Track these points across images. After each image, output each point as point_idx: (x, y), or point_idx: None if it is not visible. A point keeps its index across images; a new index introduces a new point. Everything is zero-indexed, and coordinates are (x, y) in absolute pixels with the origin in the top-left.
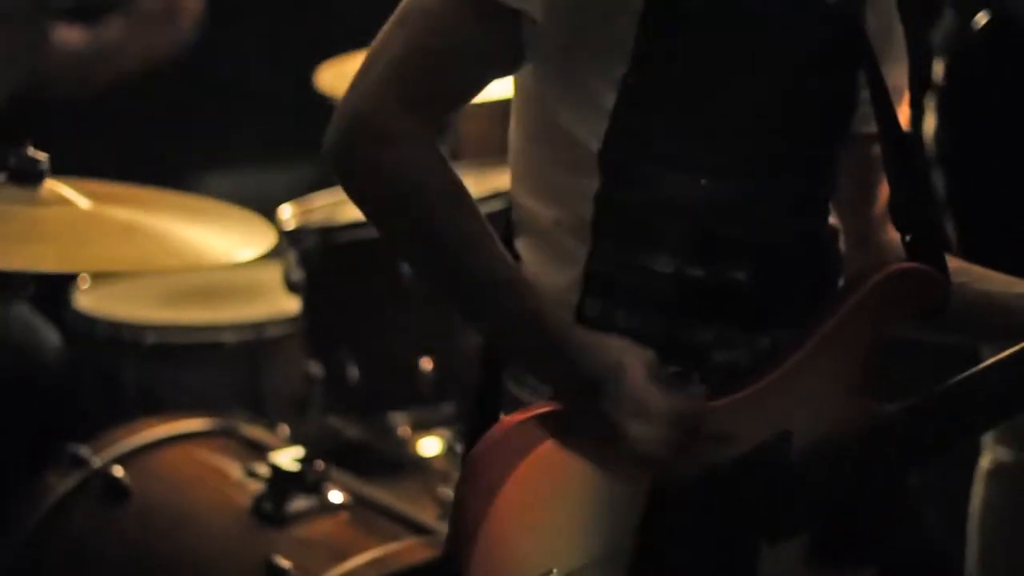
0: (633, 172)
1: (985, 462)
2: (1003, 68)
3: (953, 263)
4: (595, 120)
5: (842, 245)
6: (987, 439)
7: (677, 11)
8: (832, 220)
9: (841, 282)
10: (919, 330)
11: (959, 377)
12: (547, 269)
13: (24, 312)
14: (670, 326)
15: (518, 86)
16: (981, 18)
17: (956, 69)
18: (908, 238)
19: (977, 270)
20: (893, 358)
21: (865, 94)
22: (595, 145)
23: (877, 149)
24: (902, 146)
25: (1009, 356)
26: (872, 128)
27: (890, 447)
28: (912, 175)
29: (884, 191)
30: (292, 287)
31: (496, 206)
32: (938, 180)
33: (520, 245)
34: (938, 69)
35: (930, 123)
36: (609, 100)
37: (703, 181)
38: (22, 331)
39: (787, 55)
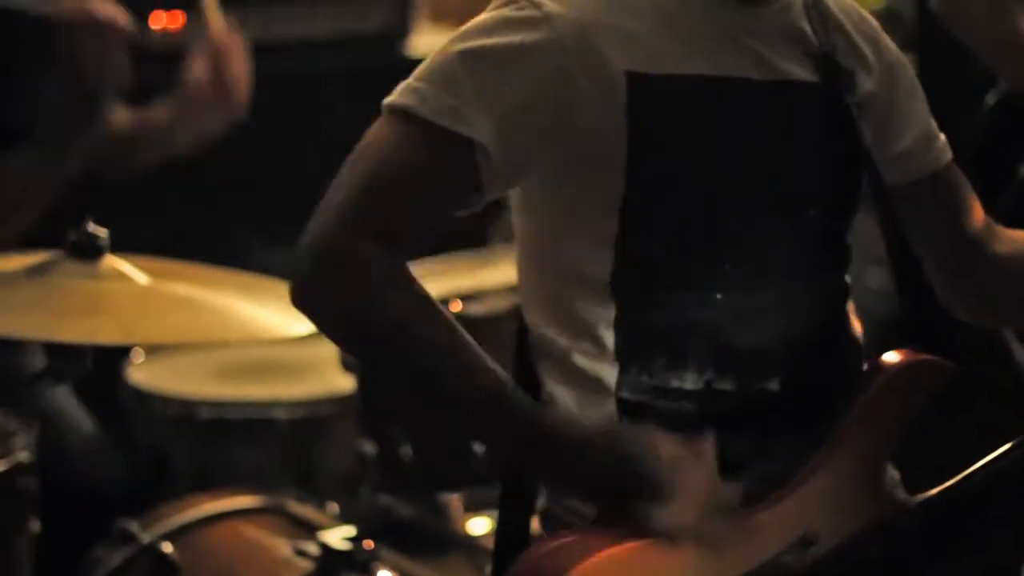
0: (648, 296)
1: None
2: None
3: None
4: (600, 249)
5: (856, 327)
6: None
7: (661, 130)
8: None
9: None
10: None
11: (986, 461)
12: (575, 398)
13: (61, 396)
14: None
15: (517, 217)
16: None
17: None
18: (912, 320)
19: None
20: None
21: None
22: (605, 274)
23: (933, 184)
24: (892, 220)
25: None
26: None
27: (913, 542)
28: (903, 251)
29: (966, 213)
30: (347, 365)
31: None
32: None
33: (543, 371)
34: None
35: None
36: (610, 228)
37: (718, 296)
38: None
39: (783, 148)
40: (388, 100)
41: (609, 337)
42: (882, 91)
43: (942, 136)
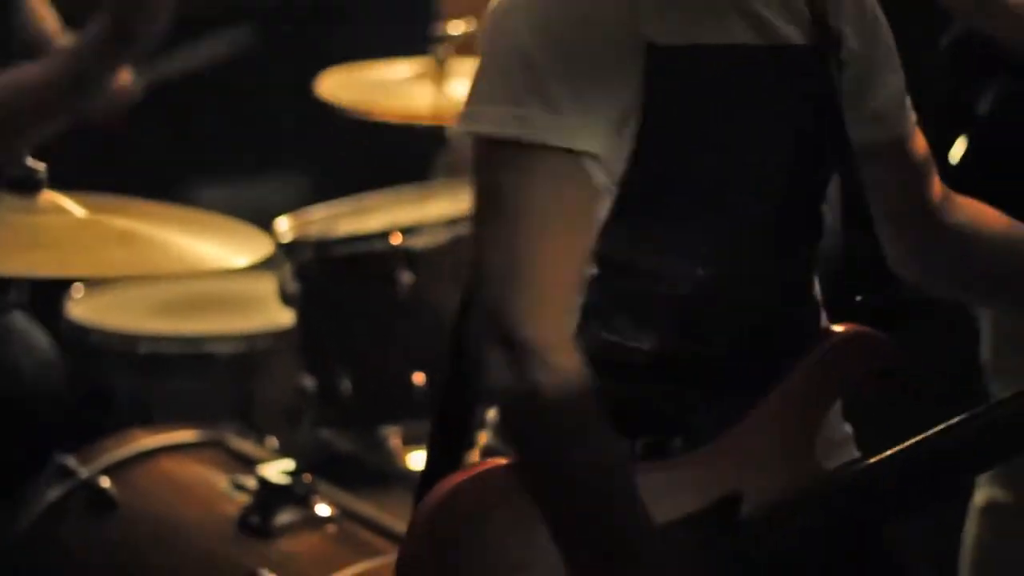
0: (632, 264)
1: (979, 499)
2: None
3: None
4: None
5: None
6: (981, 477)
7: (671, 107)
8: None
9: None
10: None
11: (915, 439)
12: None
13: (22, 321)
14: (651, 395)
15: None
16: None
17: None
18: (863, 296)
19: (1001, 224)
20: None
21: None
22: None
23: (898, 149)
24: (853, 190)
25: (965, 419)
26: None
27: (838, 509)
28: (861, 224)
29: (925, 181)
30: (287, 300)
31: None
32: None
33: None
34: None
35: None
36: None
37: (699, 271)
38: (19, 339)
39: (772, 115)
40: (491, 130)
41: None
42: (864, 51)
43: (909, 103)
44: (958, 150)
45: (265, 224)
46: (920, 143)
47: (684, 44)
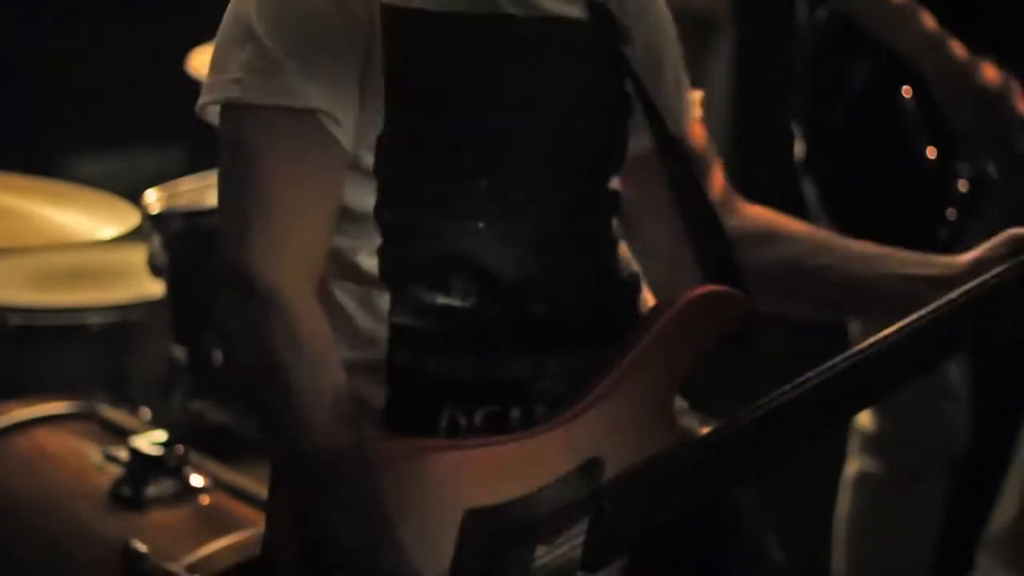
0: (411, 225)
1: (850, 470)
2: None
3: (822, 237)
4: (365, 182)
5: (630, 267)
6: (852, 447)
7: (416, 61)
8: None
9: (642, 299)
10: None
11: (770, 396)
12: (348, 329)
13: None
14: (482, 365)
15: None
16: (820, 13)
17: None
18: (705, 263)
19: (842, 247)
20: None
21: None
22: (368, 206)
23: (683, 142)
24: (677, 160)
25: (822, 372)
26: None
27: (701, 469)
28: (691, 192)
29: (709, 178)
30: (156, 270)
31: None
32: (809, 187)
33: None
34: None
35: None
36: (370, 160)
37: (480, 225)
38: None
39: (544, 82)
40: (216, 97)
41: (373, 264)
42: (650, 40)
43: (693, 94)
44: (830, 121)
45: (137, 196)
46: (700, 139)
47: (415, 8)
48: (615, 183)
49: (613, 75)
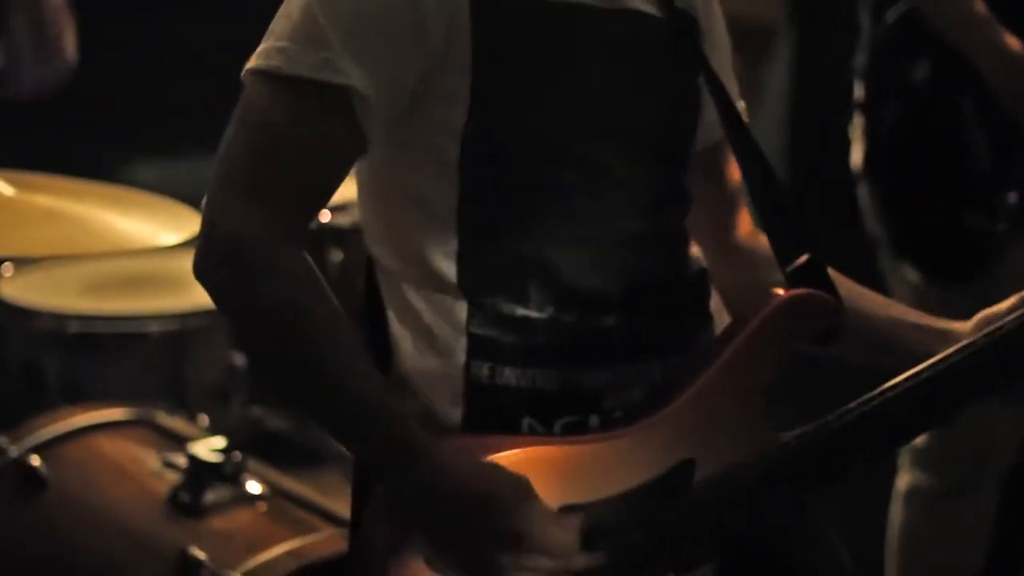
0: (492, 225)
1: (901, 484)
2: (917, 67)
3: (842, 281)
4: (445, 177)
5: (705, 264)
6: (903, 461)
7: (503, 56)
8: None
9: (712, 300)
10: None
11: (852, 404)
12: (425, 337)
13: None
14: (560, 376)
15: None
16: (891, 15)
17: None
18: (787, 265)
19: (853, 290)
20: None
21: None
22: (450, 204)
23: (721, 157)
24: (754, 157)
25: (903, 381)
26: (716, 136)
27: (788, 475)
28: (769, 189)
29: (739, 200)
30: None
31: None
32: (864, 192)
33: (392, 310)
34: (858, 92)
35: (857, 144)
36: (454, 154)
37: (561, 226)
38: None
39: (624, 77)
40: (253, 65)
41: (450, 270)
42: (715, 45)
43: (742, 104)
44: (892, 115)
45: (197, 202)
46: (733, 172)
47: None
48: (686, 182)
49: (688, 71)
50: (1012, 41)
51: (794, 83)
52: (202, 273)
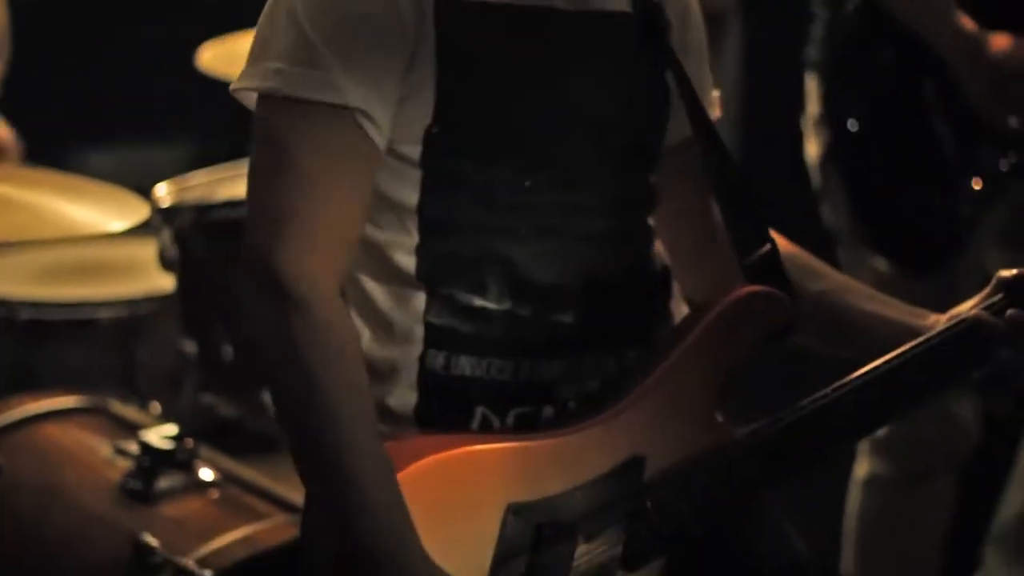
0: (452, 221)
1: (860, 472)
2: (880, 54)
3: (814, 265)
4: (408, 174)
5: (668, 262)
6: (862, 448)
7: (469, 55)
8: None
9: (674, 298)
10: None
11: (807, 400)
12: (383, 326)
13: None
14: (514, 367)
15: None
16: (850, 4)
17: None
18: (745, 260)
19: (834, 276)
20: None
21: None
22: (412, 200)
23: (691, 156)
24: (719, 153)
25: (857, 378)
26: (685, 133)
27: (742, 469)
28: (733, 185)
29: (708, 198)
30: (167, 265)
31: None
32: (825, 183)
33: (349, 299)
34: (811, 85)
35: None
36: (417, 152)
37: (522, 223)
38: None
39: (591, 77)
40: (253, 85)
41: (410, 263)
42: (686, 35)
43: (716, 93)
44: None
45: (148, 190)
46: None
47: (475, 0)
48: (653, 177)
49: (655, 67)
50: (967, 22)
51: (745, 73)
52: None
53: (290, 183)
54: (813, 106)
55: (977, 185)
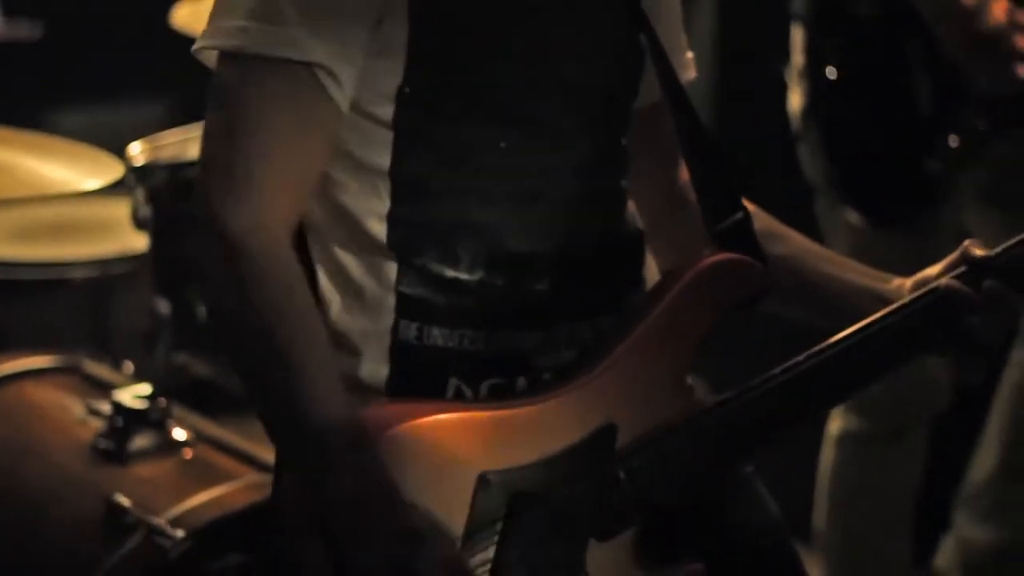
0: (425, 185)
1: (833, 428)
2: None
3: (776, 228)
4: (381, 135)
5: (640, 225)
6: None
7: (442, 12)
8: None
9: (647, 266)
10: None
11: (780, 368)
12: (354, 296)
13: None
14: (488, 338)
15: None
16: None
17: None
18: (716, 227)
19: (798, 240)
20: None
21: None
22: (384, 163)
23: (666, 119)
24: (690, 119)
25: (830, 345)
26: (655, 98)
27: (714, 439)
28: (704, 151)
29: (679, 161)
30: (140, 224)
31: None
32: (804, 136)
33: (321, 268)
34: (796, 35)
35: (795, 88)
36: (389, 111)
37: (494, 187)
38: None
39: (565, 38)
40: (214, 43)
41: (381, 231)
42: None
43: (690, 54)
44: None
45: (121, 149)
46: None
47: None
48: (625, 140)
49: (628, 28)
50: None
51: (722, 25)
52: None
53: (245, 138)
54: (797, 57)
55: (954, 143)
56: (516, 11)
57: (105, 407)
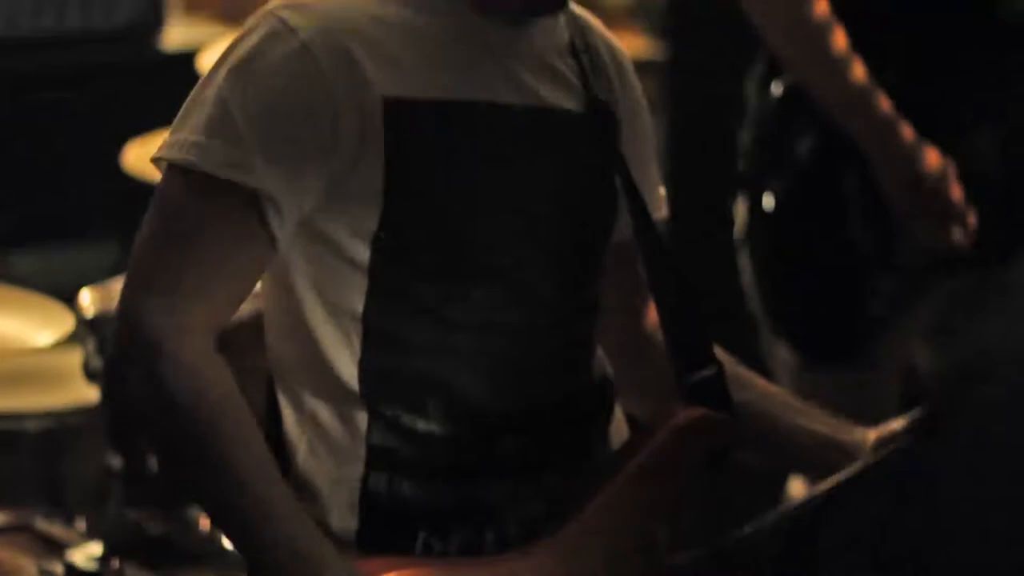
0: (397, 334)
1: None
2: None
3: (738, 373)
4: (356, 280)
5: (608, 370)
6: None
7: (417, 160)
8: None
9: (615, 404)
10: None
11: (748, 527)
12: (323, 444)
13: None
14: (457, 491)
15: None
16: (775, 89)
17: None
18: (686, 379)
19: (761, 386)
20: None
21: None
22: (357, 307)
23: (635, 258)
24: (663, 261)
25: (793, 510)
26: (627, 236)
27: None
28: (678, 298)
29: (647, 299)
30: (91, 375)
31: None
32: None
33: (290, 414)
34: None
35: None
36: (365, 257)
37: (466, 340)
38: None
39: (541, 181)
40: (167, 155)
41: (353, 376)
42: (636, 135)
43: (662, 191)
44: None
45: (72, 293)
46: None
47: (423, 98)
48: (597, 285)
49: (604, 170)
50: (885, 103)
51: (673, 159)
52: (116, 367)
53: (178, 245)
54: (741, 190)
55: (889, 282)
56: (488, 155)
57: (58, 569)
